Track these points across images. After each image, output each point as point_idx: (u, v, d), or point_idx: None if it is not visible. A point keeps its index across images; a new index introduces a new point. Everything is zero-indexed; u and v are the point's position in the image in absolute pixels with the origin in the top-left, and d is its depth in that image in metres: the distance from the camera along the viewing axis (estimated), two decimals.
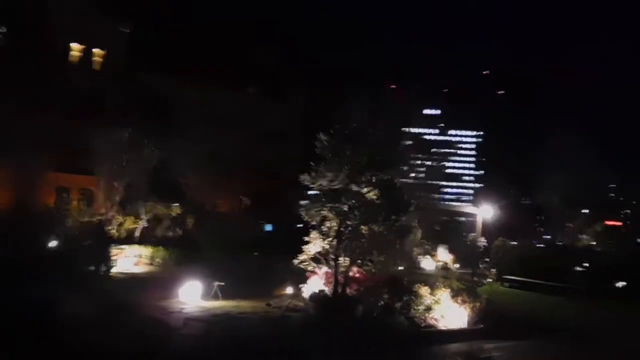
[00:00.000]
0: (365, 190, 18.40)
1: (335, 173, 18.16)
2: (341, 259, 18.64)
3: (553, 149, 44.00)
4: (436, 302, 18.49)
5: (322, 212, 18.09)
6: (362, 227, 18.21)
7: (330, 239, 17.91)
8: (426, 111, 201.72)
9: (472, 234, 38.49)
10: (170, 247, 28.87)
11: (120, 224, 30.27)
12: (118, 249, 27.97)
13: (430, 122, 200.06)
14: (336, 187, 18.46)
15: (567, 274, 32.39)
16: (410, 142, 23.17)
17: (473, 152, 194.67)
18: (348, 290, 18.29)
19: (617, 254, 32.25)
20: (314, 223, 18.12)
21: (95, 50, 47.90)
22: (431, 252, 43.17)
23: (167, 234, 34.75)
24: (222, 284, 20.26)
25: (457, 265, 41.06)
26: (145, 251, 28.05)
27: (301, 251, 18.75)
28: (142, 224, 31.02)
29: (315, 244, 18.83)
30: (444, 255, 43.75)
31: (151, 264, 27.94)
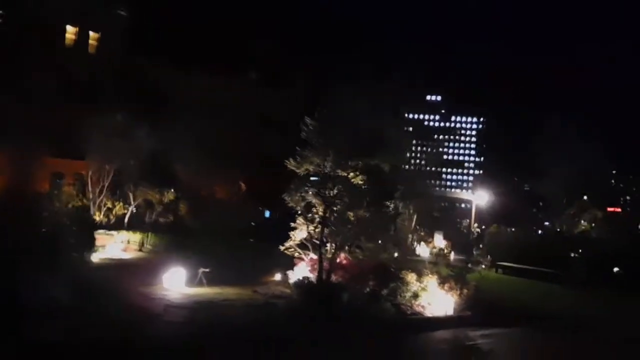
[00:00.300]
0: (351, 175, 18.02)
1: (322, 158, 17.79)
2: (327, 245, 18.36)
3: (552, 136, 43.51)
4: (423, 289, 18.24)
5: (307, 197, 17.71)
6: (349, 212, 17.84)
7: (315, 225, 17.57)
8: (427, 97, 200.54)
9: (466, 220, 38.17)
10: (161, 233, 28.57)
11: (110, 209, 29.95)
12: (107, 234, 27.74)
13: (431, 108, 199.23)
14: (323, 172, 18.10)
15: (564, 261, 32.15)
16: (400, 128, 22.49)
17: (474, 139, 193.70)
18: (334, 277, 18.02)
19: (615, 241, 31.90)
20: (298, 209, 17.74)
21: (91, 34, 47.19)
22: (426, 239, 43.00)
23: (160, 219, 34.46)
24: (207, 270, 19.95)
25: (453, 252, 40.87)
26: (135, 237, 27.76)
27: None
28: (132, 209, 30.69)
29: (301, 230, 18.54)
30: (439, 241, 43.52)
31: (140, 250, 27.65)
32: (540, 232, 35.21)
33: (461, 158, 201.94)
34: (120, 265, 23.53)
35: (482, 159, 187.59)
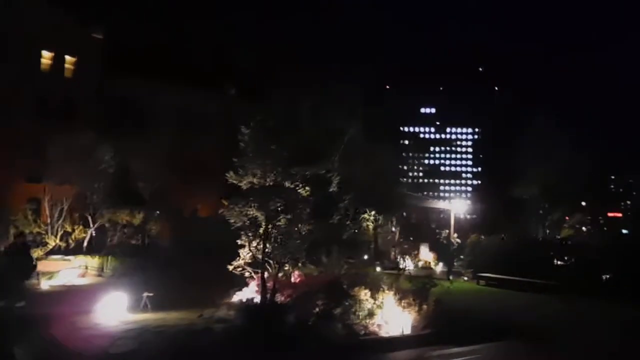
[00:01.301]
0: (296, 186, 16.77)
1: (266, 169, 16.57)
2: (272, 262, 17.03)
3: (547, 142, 42.18)
4: (378, 306, 16.86)
5: (249, 212, 16.43)
6: (294, 226, 16.55)
7: (258, 240, 16.27)
8: (422, 110, 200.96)
9: (446, 230, 36.81)
10: (123, 256, 27.29)
11: (69, 233, 28.72)
12: (64, 259, 26.56)
13: (426, 120, 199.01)
14: (267, 184, 16.86)
15: (551, 269, 30.72)
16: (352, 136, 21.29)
17: (470, 149, 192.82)
18: (280, 297, 16.64)
19: (601, 246, 30.42)
20: (239, 224, 16.45)
21: (67, 58, 46.62)
22: (411, 252, 41.64)
23: (131, 241, 33.24)
24: (152, 294, 18.68)
25: (441, 264, 39.48)
26: (94, 262, 26.47)
27: None
28: (91, 232, 29.45)
29: (247, 247, 17.24)
30: (426, 254, 42.14)
31: (100, 275, 26.37)
32: (520, 239, 33.67)
33: (458, 169, 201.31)
34: (68, 292, 22.25)
35: (479, 168, 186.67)
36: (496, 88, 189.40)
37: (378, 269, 38.19)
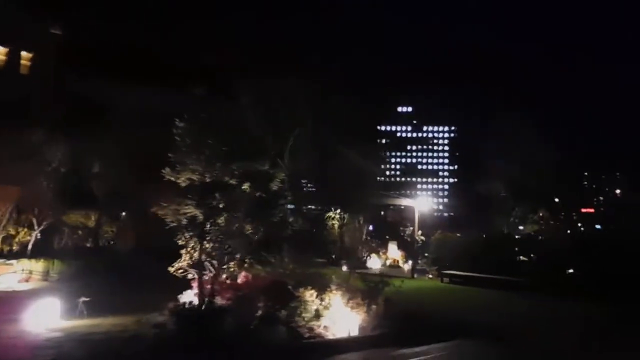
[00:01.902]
0: (236, 183, 15.86)
1: (205, 165, 15.63)
2: (212, 262, 16.11)
3: (506, 138, 41.97)
4: (325, 307, 16.08)
5: (187, 210, 15.47)
6: (236, 225, 15.65)
7: (195, 240, 15.33)
8: (399, 109, 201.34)
9: (410, 227, 36.28)
10: (71, 260, 26.02)
11: (12, 236, 27.31)
12: (6, 264, 25.19)
13: (403, 119, 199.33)
14: (207, 180, 15.92)
15: (515, 265, 30.32)
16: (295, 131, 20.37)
17: (446, 147, 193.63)
18: (221, 300, 15.71)
19: (565, 242, 30.13)
20: (175, 224, 15.48)
21: (23, 54, 44.86)
22: (378, 250, 41.03)
23: (83, 244, 31.96)
24: (88, 299, 17.58)
25: (411, 262, 38.91)
26: (38, 265, 25.14)
27: None
28: (36, 235, 28.06)
29: (189, 248, 16.27)
30: (394, 252, 41.55)
31: (46, 279, 25.07)
32: (485, 236, 33.28)
33: (435, 167, 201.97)
34: (5, 298, 20.97)
35: (455, 166, 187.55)
36: (473, 86, 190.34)
37: (344, 268, 37.54)
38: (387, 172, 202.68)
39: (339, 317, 16.06)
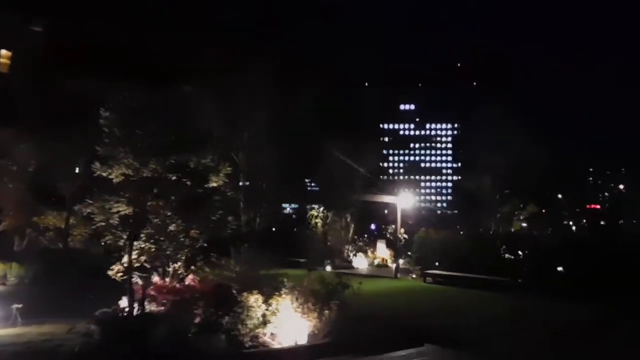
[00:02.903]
0: (176, 178, 14.51)
1: (140, 158, 14.29)
2: (156, 264, 14.79)
3: (502, 136, 40.30)
4: (273, 313, 14.69)
5: (119, 208, 14.14)
6: (171, 224, 14.31)
7: (123, 241, 14.01)
8: (401, 107, 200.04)
9: (392, 226, 34.84)
10: (30, 263, 24.78)
11: None
12: None
13: (405, 117, 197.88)
14: (144, 175, 14.57)
15: (499, 264, 28.77)
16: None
17: (449, 145, 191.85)
18: (156, 306, 14.38)
19: (554, 241, 28.56)
20: (103, 223, 14.14)
21: (2, 52, 43.75)
22: (366, 249, 39.62)
23: (53, 247, 30.65)
24: (20, 306, 16.31)
25: (402, 261, 37.45)
26: None
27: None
28: None
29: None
30: (383, 251, 40.11)
31: (3, 284, 23.87)
32: (471, 233, 31.73)
33: (438, 165, 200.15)
34: None
35: (458, 164, 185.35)
36: (475, 84, 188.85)
37: (328, 268, 36.16)
38: (390, 170, 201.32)
39: (288, 323, 14.68)
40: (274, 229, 32.45)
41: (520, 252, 29.05)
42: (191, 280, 16.21)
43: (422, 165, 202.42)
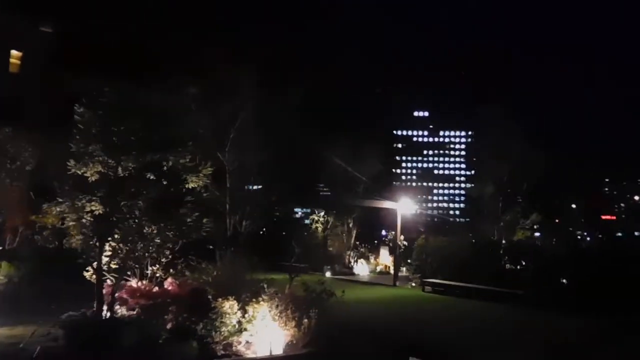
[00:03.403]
0: (154, 177, 14.03)
1: (115, 156, 13.84)
2: (133, 265, 14.30)
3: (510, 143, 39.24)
4: (249, 321, 14.10)
5: (92, 207, 13.68)
6: (147, 225, 13.80)
7: (93, 241, 13.54)
8: (415, 113, 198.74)
9: (392, 232, 34.05)
10: (19, 262, 24.46)
11: None
12: None
13: (419, 123, 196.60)
14: (121, 174, 14.12)
15: (503, 274, 27.82)
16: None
17: (463, 152, 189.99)
18: (124, 310, 13.87)
19: (556, 249, 27.55)
20: (73, 222, 13.68)
21: (13, 52, 43.95)
22: (368, 255, 38.85)
23: (47, 245, 30.37)
24: None
25: (404, 269, 36.62)
26: None
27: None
28: None
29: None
30: (386, 258, 39.29)
31: None
32: (474, 241, 30.79)
33: (451, 172, 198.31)
34: None
35: (472, 172, 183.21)
36: (489, 90, 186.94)
37: (328, 274, 35.46)
38: (403, 177, 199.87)
39: (265, 332, 14.07)
40: (262, 232, 31.86)
41: (523, 262, 28.05)
42: (170, 284, 15.71)
43: (435, 172, 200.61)
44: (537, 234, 35.65)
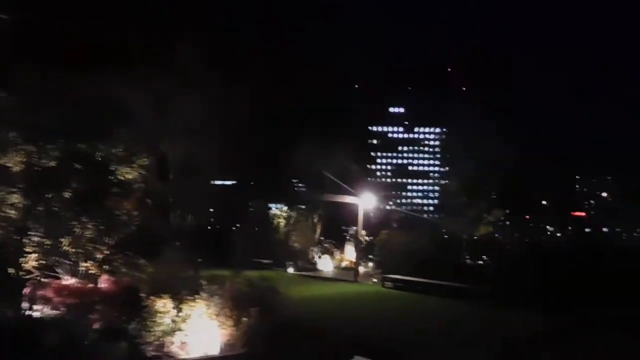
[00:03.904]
0: (81, 167, 13.10)
1: (39, 145, 12.89)
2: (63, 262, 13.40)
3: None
4: (183, 320, 13.32)
5: (12, 199, 12.72)
6: (75, 219, 12.90)
7: (15, 234, 12.59)
8: (390, 109, 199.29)
9: (353, 227, 33.58)
10: None
11: None
12: None
13: (394, 120, 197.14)
14: (47, 164, 13.17)
15: (464, 270, 27.54)
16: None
17: (437, 149, 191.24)
18: (51, 309, 12.96)
19: (517, 246, 27.36)
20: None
21: None
22: (333, 251, 38.25)
23: None
24: None
25: (372, 265, 36.13)
26: None
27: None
28: None
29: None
30: (351, 253, 38.73)
31: None
32: (437, 237, 30.53)
33: (426, 169, 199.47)
34: None
35: (446, 168, 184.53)
36: (464, 88, 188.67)
37: (290, 270, 34.78)
38: (378, 173, 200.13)
39: (202, 331, 13.32)
40: (210, 227, 31.01)
41: (485, 258, 27.81)
42: (105, 282, 14.82)
43: (410, 168, 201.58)
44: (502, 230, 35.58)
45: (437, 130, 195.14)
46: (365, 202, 30.09)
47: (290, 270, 34.65)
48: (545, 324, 18.69)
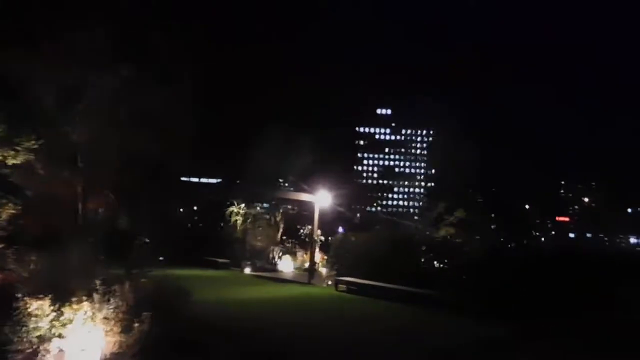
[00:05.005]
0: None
1: None
2: None
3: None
4: (63, 324, 11.74)
5: None
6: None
7: None
8: (378, 111, 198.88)
9: (308, 226, 32.17)
10: None
11: None
12: None
13: (382, 121, 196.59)
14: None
15: (422, 274, 26.11)
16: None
17: (424, 151, 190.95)
18: None
19: (478, 249, 25.97)
20: None
21: None
22: (295, 251, 36.85)
23: None
24: None
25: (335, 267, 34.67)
26: None
27: None
28: None
29: None
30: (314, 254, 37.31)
31: None
32: (397, 238, 29.11)
33: (412, 170, 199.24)
34: None
35: (432, 170, 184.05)
36: (452, 89, 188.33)
37: (247, 270, 33.30)
38: (364, 174, 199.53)
39: (88, 337, 11.75)
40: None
41: (445, 261, 26.41)
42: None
43: (397, 170, 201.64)
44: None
45: (424, 132, 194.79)
46: (320, 200, 28.67)
47: (247, 270, 33.24)
48: (488, 332, 17.33)
